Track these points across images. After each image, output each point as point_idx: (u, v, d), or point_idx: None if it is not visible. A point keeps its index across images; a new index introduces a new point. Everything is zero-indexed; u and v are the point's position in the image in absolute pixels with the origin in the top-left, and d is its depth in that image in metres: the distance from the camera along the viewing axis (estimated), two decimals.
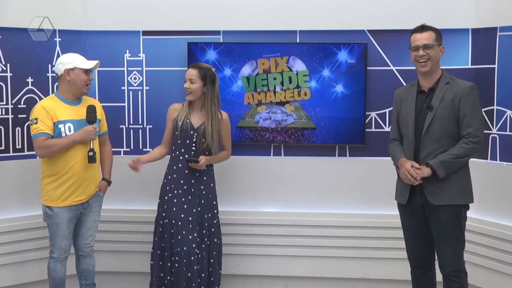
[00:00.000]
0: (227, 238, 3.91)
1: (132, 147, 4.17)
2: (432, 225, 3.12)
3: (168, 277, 3.60)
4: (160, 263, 3.62)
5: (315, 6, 3.99)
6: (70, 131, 3.33)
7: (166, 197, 3.60)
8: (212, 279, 3.66)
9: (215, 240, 3.67)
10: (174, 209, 3.56)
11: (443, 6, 3.91)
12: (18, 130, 3.90)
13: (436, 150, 3.05)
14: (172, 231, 3.56)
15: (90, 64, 3.40)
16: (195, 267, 3.54)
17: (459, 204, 3.07)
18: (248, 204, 4.11)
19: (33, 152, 3.89)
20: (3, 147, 3.86)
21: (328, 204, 4.07)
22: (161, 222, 3.61)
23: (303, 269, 4.11)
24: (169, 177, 3.61)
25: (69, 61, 3.36)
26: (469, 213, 3.22)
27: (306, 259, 4.09)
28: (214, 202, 3.67)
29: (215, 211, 3.68)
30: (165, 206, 3.60)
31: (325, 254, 4.06)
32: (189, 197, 3.57)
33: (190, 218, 3.56)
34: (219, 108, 3.64)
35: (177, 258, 3.54)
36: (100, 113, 3.51)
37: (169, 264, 3.59)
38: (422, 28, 3.13)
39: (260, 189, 4.12)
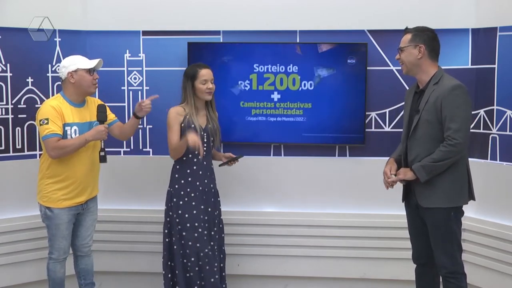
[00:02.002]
0: (227, 238, 3.91)
1: (132, 147, 4.17)
2: (427, 226, 3.12)
3: (198, 282, 3.53)
4: (188, 275, 3.53)
5: (315, 6, 3.99)
6: (75, 134, 3.31)
7: (181, 202, 3.51)
8: (223, 273, 3.69)
9: (222, 235, 3.71)
10: (195, 211, 3.52)
11: (443, 6, 3.91)
12: (18, 130, 3.90)
13: (421, 154, 3.03)
14: (196, 234, 3.50)
15: (92, 63, 3.38)
16: (216, 264, 3.56)
17: (447, 207, 3.03)
18: (248, 204, 4.12)
19: (33, 152, 3.92)
20: (3, 147, 3.86)
21: (328, 204, 4.08)
22: (178, 228, 3.52)
23: (303, 269, 4.11)
24: (182, 181, 3.54)
25: (71, 64, 3.34)
26: (468, 213, 3.22)
27: (306, 259, 4.09)
28: (219, 199, 3.71)
29: (220, 207, 3.71)
30: (180, 212, 3.51)
31: (325, 254, 4.06)
32: (204, 197, 3.56)
33: (207, 218, 3.56)
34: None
35: (206, 260, 3.50)
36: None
37: (196, 269, 3.51)
38: (404, 31, 3.14)
39: (260, 189, 4.12)
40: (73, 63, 3.34)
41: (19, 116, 3.89)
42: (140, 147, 4.17)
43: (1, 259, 3.84)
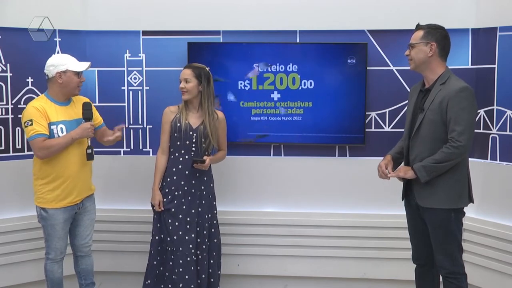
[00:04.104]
0: (227, 238, 3.91)
1: (132, 147, 4.17)
2: (428, 226, 3.11)
3: (165, 276, 3.61)
4: (161, 268, 3.64)
5: (315, 6, 3.99)
6: (62, 132, 3.30)
7: (164, 199, 3.57)
8: (212, 280, 3.66)
9: (215, 240, 3.67)
10: (173, 209, 3.55)
11: (443, 6, 3.90)
12: (18, 130, 3.90)
13: (423, 153, 3.01)
14: (169, 232, 3.55)
15: (82, 66, 3.36)
16: (192, 268, 3.54)
17: (447, 208, 3.01)
18: (248, 204, 4.11)
19: (33, 152, 3.91)
20: (3, 147, 3.86)
21: (328, 204, 4.07)
22: (158, 225, 3.61)
23: (303, 269, 4.11)
24: (168, 179, 3.58)
25: (60, 63, 3.31)
26: (469, 213, 3.21)
27: (306, 259, 4.09)
28: (214, 203, 3.68)
29: (215, 212, 3.68)
30: (162, 208, 3.58)
31: (325, 254, 4.06)
32: (189, 198, 3.57)
33: (188, 219, 3.56)
34: (215, 107, 3.67)
35: (173, 257, 3.54)
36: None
37: (170, 263, 3.58)
38: (415, 27, 3.11)
39: (260, 189, 4.12)
40: (63, 64, 3.32)
41: (19, 116, 3.86)
42: (140, 147, 4.17)
43: (0, 259, 3.84)
